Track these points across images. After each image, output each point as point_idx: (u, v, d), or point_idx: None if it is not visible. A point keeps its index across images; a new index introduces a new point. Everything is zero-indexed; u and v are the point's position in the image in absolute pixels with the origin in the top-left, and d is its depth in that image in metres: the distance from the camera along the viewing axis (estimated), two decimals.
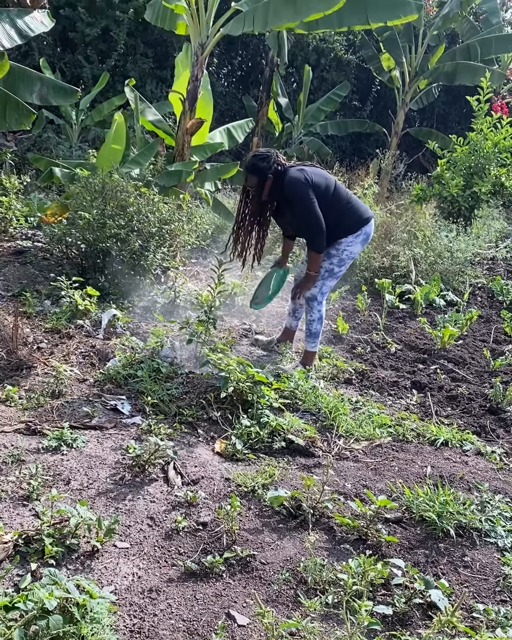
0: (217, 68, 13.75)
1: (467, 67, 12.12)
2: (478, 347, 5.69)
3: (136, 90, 7.15)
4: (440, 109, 15.95)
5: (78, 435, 3.39)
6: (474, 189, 9.40)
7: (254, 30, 6.33)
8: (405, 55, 12.94)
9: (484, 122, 9.54)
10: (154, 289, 5.68)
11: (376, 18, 6.75)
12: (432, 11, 14.66)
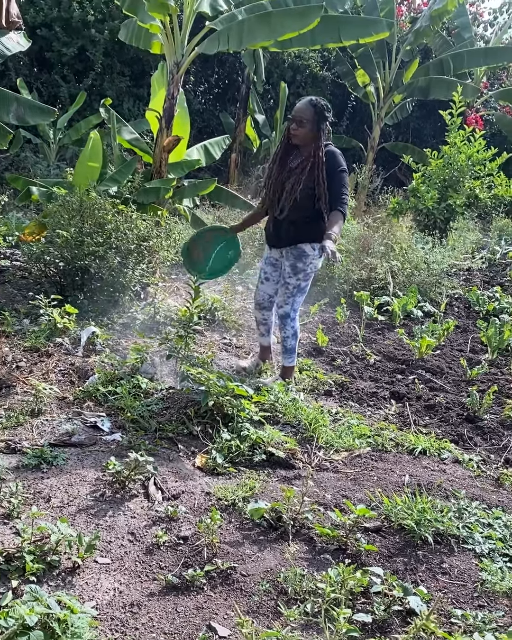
0: (194, 86, 13.87)
1: (440, 81, 12.30)
2: (455, 356, 5.77)
3: (112, 109, 7.22)
4: (415, 123, 16.17)
5: (58, 453, 3.39)
6: (449, 202, 9.55)
7: (229, 49, 6.43)
8: (379, 70, 13.14)
9: (458, 135, 9.71)
10: (134, 305, 5.71)
11: (348, 36, 6.89)
12: (405, 27, 14.92)
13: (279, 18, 6.17)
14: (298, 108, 4.23)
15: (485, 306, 7.17)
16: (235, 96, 13.81)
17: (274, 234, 4.52)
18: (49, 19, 10.98)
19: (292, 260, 4.44)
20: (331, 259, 3.84)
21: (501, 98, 14.07)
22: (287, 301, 4.54)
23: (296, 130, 4.24)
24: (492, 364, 5.65)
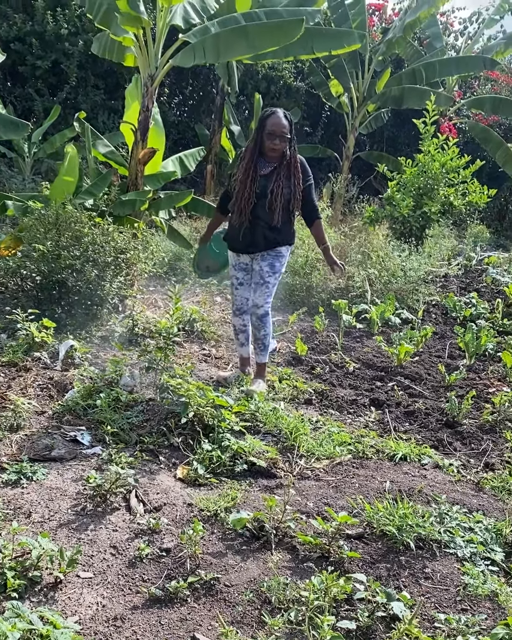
0: (168, 98, 13.91)
1: (414, 90, 12.43)
2: (433, 362, 5.81)
3: (87, 122, 7.22)
4: (389, 132, 16.33)
5: (38, 468, 3.37)
6: (424, 209, 9.64)
7: (206, 62, 6.47)
8: (352, 80, 13.26)
9: (431, 143, 9.82)
10: (112, 318, 5.69)
11: (321, 48, 6.97)
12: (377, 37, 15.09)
13: (257, 32, 6.20)
14: (279, 123, 4.34)
15: (462, 312, 7.24)
16: (210, 108, 13.87)
17: (248, 241, 4.60)
18: (22, 33, 10.98)
19: (271, 260, 4.65)
20: (344, 273, 4.87)
21: (472, 106, 14.26)
22: (267, 300, 4.67)
23: (278, 145, 4.38)
24: (470, 369, 5.70)
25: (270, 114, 4.39)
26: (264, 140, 4.39)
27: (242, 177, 4.45)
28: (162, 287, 7.43)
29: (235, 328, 4.90)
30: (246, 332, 4.85)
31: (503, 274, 8.93)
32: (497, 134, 13.68)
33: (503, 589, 2.74)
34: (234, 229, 4.64)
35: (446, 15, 17.74)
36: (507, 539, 3.12)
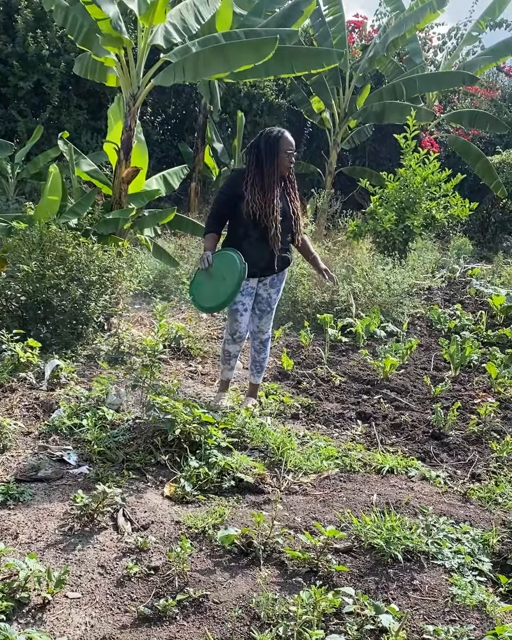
0: (151, 116, 13.98)
1: (394, 106, 12.56)
2: (419, 374, 5.85)
3: (70, 142, 7.25)
4: (371, 147, 16.47)
5: (24, 489, 3.36)
6: (406, 223, 9.73)
7: (185, 80, 6.54)
8: (333, 97, 13.40)
9: (412, 158, 9.92)
10: (98, 336, 5.70)
11: (300, 67, 7.07)
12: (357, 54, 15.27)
13: (234, 51, 6.30)
14: (292, 141, 4.36)
15: (446, 324, 7.29)
16: (193, 126, 13.96)
17: (265, 264, 4.46)
18: (4, 54, 11.03)
19: (279, 285, 4.66)
20: (335, 283, 4.89)
21: (452, 120, 14.45)
22: (270, 324, 4.77)
23: (291, 164, 4.39)
24: (455, 381, 5.74)
25: (280, 135, 4.31)
26: (282, 161, 4.30)
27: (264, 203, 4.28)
28: (147, 305, 7.44)
29: (231, 354, 4.74)
30: (237, 356, 4.83)
31: (487, 286, 9.01)
32: (477, 147, 13.86)
33: (491, 598, 2.75)
34: (246, 252, 4.33)
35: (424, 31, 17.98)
36: (494, 549, 3.14)
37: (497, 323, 7.54)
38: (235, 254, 4.31)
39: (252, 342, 4.79)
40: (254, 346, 4.79)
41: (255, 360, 4.80)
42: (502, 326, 7.33)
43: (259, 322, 4.69)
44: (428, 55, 18.14)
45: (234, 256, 4.30)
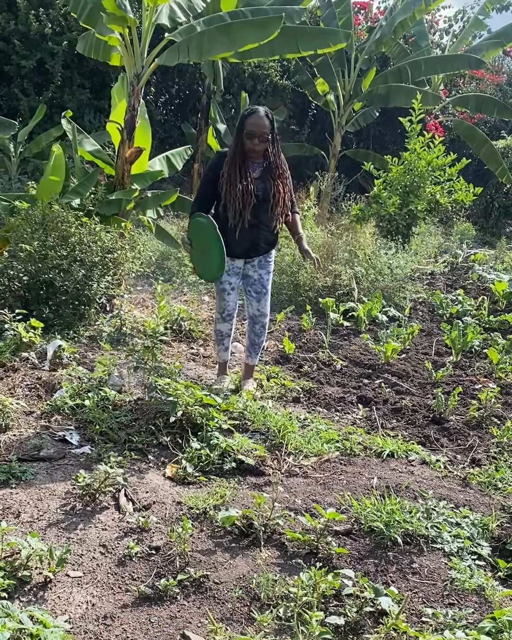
0: (155, 97, 13.87)
1: (400, 89, 12.45)
2: (420, 359, 5.85)
3: (73, 122, 7.19)
4: (375, 130, 16.37)
5: (27, 468, 3.38)
6: (410, 207, 9.68)
7: (189, 60, 6.46)
8: (338, 79, 13.29)
9: (417, 142, 9.85)
10: (100, 317, 5.70)
11: (306, 47, 6.97)
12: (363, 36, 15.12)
13: (238, 29, 6.22)
14: (259, 124, 4.18)
15: (448, 309, 7.28)
16: (196, 106, 13.86)
17: (248, 245, 4.45)
18: (6, 32, 10.92)
19: (268, 267, 4.64)
20: (318, 266, 4.81)
21: (458, 104, 14.33)
22: (268, 307, 4.74)
23: (258, 145, 4.25)
24: (456, 366, 5.74)
25: (250, 113, 4.22)
26: (244, 142, 4.24)
27: (233, 180, 4.27)
28: (149, 287, 7.44)
29: (222, 333, 4.77)
30: (230, 336, 4.81)
31: (489, 271, 8.98)
32: (482, 132, 13.75)
33: (489, 583, 2.78)
34: (229, 233, 4.34)
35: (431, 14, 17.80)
36: (493, 534, 3.16)
37: (499, 309, 7.53)
38: (201, 217, 4.34)
39: (253, 327, 4.76)
40: (254, 330, 4.77)
41: (254, 343, 4.79)
42: (504, 312, 7.32)
43: (258, 305, 4.67)
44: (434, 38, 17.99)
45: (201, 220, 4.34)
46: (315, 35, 7.13)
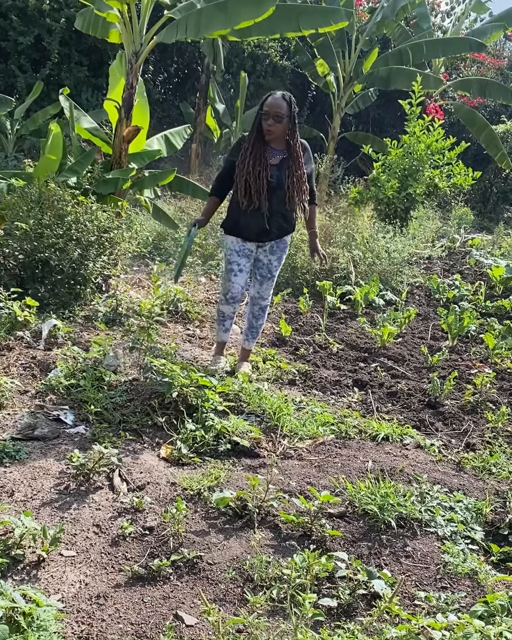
0: (153, 75, 13.74)
1: (402, 71, 12.35)
2: (416, 344, 5.84)
3: (71, 99, 7.11)
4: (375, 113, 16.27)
5: (21, 447, 3.36)
6: (409, 191, 9.63)
7: (186, 37, 6.37)
8: (339, 60, 13.16)
9: (417, 125, 9.77)
10: (95, 297, 5.66)
11: (307, 25, 6.88)
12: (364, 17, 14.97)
13: (235, 6, 6.13)
14: (274, 104, 4.15)
15: (445, 294, 7.27)
16: (195, 86, 13.73)
17: (260, 229, 4.39)
18: (3, 8, 10.78)
19: (279, 253, 4.59)
20: (325, 263, 4.83)
21: (459, 88, 14.22)
22: (271, 292, 4.74)
23: (273, 126, 4.19)
24: (452, 351, 5.74)
25: (268, 95, 4.24)
26: (261, 122, 4.21)
27: (251, 165, 4.22)
28: (146, 267, 7.40)
29: (224, 315, 4.69)
30: (232, 318, 4.76)
31: (486, 256, 8.98)
32: (482, 116, 13.66)
33: (482, 567, 2.78)
34: (243, 215, 4.36)
35: None
36: (487, 518, 3.17)
37: (496, 294, 7.53)
38: (188, 234, 4.55)
39: (251, 308, 4.75)
40: (253, 312, 4.75)
41: (252, 326, 4.77)
42: (501, 297, 7.31)
43: (259, 288, 4.65)
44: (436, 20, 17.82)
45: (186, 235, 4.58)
46: (316, 13, 7.05)
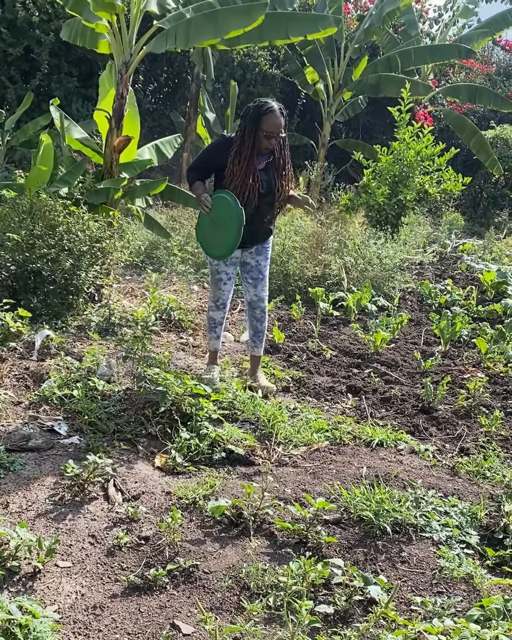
0: (143, 85, 13.78)
1: (391, 79, 12.38)
2: (409, 349, 5.86)
3: (61, 110, 7.13)
4: (365, 120, 16.32)
5: (15, 458, 3.36)
6: (399, 197, 9.67)
7: (176, 47, 6.41)
8: (328, 68, 13.21)
9: (406, 131, 9.82)
10: (88, 307, 5.67)
11: (296, 32, 6.92)
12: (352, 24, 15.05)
13: (224, 16, 6.17)
14: (277, 124, 4.09)
15: (437, 299, 7.30)
16: (185, 95, 13.77)
17: (247, 235, 4.29)
18: None
19: (265, 253, 4.60)
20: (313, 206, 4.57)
21: (448, 94, 14.29)
22: (266, 292, 4.70)
23: (274, 144, 4.20)
24: (445, 356, 5.76)
25: (266, 111, 4.08)
26: (260, 140, 4.13)
27: (239, 175, 4.18)
28: (138, 276, 7.41)
29: (215, 321, 4.68)
30: (223, 324, 4.76)
31: (478, 261, 9.01)
32: (472, 122, 13.73)
33: (478, 571, 2.79)
34: None
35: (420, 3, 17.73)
36: (482, 523, 3.17)
37: (487, 298, 7.55)
38: (229, 196, 4.19)
39: (252, 312, 4.71)
40: (254, 316, 4.71)
41: (257, 331, 4.74)
42: (493, 302, 7.34)
43: (255, 290, 4.63)
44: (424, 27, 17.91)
45: (229, 199, 4.18)
46: (304, 21, 7.09)
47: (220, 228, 4.25)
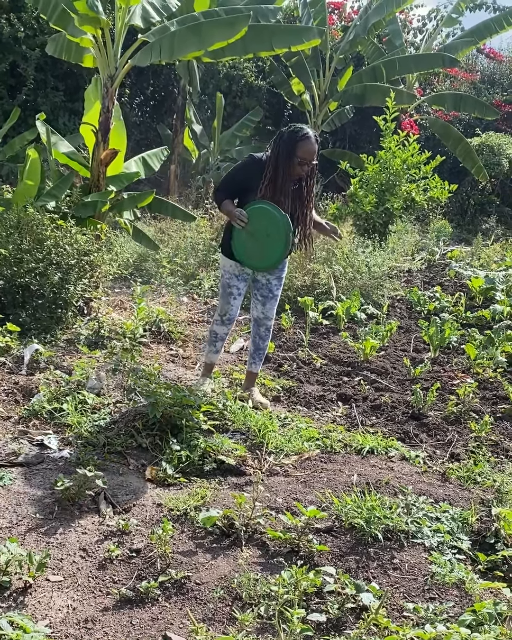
0: (129, 98, 13.80)
1: (376, 88, 12.44)
2: (399, 356, 5.88)
3: (48, 124, 7.14)
4: (351, 129, 16.41)
5: (5, 473, 3.35)
6: (386, 206, 9.72)
7: (161, 60, 6.45)
8: (314, 79, 13.30)
9: (392, 140, 9.89)
10: (77, 321, 5.66)
11: (280, 44, 6.98)
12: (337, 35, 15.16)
13: (207, 28, 6.21)
14: (312, 151, 4.08)
15: (426, 306, 7.33)
16: (172, 108, 13.82)
17: None
18: None
19: (278, 273, 4.56)
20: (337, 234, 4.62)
21: (434, 102, 14.41)
22: (274, 311, 4.69)
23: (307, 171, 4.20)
24: (434, 362, 5.78)
25: (303, 137, 4.08)
26: (294, 167, 4.11)
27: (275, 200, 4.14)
28: (127, 289, 7.41)
29: (218, 336, 4.69)
30: (224, 340, 4.78)
31: (466, 268, 9.05)
32: (457, 130, 13.84)
33: (469, 576, 2.79)
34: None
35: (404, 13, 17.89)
36: (473, 528, 3.18)
37: (476, 305, 7.59)
38: (270, 206, 4.13)
39: (257, 330, 4.71)
40: (258, 333, 4.71)
41: (258, 348, 4.74)
42: (481, 308, 7.38)
43: (263, 308, 4.62)
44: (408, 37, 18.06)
45: (271, 209, 4.12)
46: (289, 32, 7.16)
47: (262, 239, 4.18)
